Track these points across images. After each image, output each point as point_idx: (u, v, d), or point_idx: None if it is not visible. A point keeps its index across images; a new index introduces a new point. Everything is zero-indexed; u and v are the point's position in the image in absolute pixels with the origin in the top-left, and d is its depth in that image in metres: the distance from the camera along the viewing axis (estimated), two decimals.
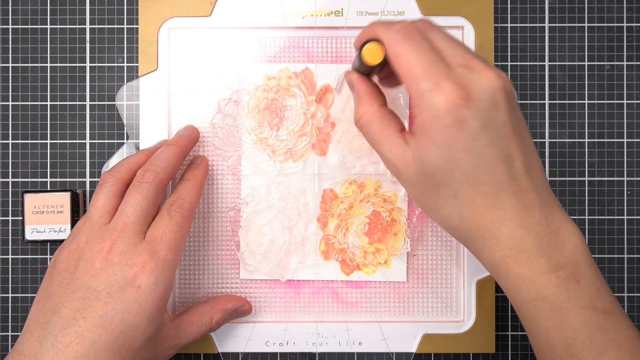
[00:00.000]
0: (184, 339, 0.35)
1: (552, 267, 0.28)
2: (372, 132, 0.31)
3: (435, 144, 0.28)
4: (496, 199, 0.28)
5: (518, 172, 0.28)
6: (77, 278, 0.31)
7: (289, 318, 0.40)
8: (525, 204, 0.28)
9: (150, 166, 0.34)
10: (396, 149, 0.30)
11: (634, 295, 0.41)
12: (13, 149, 0.41)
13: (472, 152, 0.28)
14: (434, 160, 0.28)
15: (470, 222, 0.29)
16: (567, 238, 0.29)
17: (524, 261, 0.28)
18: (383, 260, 0.40)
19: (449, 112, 0.27)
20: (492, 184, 0.28)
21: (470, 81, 0.28)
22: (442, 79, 0.27)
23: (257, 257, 0.40)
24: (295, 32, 0.40)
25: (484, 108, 0.27)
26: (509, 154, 0.28)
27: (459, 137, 0.27)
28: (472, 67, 0.28)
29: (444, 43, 0.29)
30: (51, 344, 0.30)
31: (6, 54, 0.41)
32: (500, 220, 0.28)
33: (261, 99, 0.40)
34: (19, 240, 0.41)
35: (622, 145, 0.41)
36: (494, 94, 0.28)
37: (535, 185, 0.29)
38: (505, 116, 0.28)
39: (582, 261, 0.29)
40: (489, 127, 0.28)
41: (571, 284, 0.28)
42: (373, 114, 0.31)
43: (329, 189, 0.40)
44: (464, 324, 0.40)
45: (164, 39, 0.40)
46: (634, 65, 0.41)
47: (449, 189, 0.29)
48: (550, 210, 0.29)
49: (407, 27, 0.29)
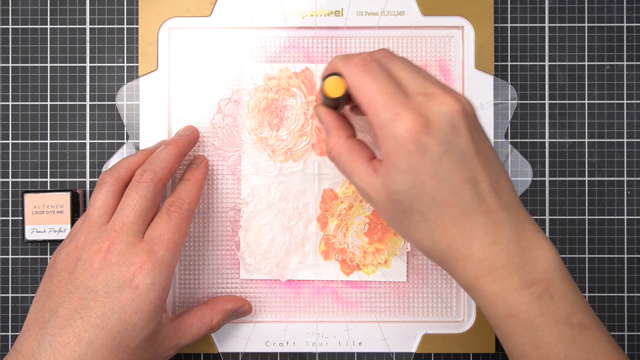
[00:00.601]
0: (184, 340, 0.35)
1: (524, 284, 0.28)
2: (343, 163, 0.32)
3: (400, 172, 0.28)
4: (466, 220, 0.29)
5: (485, 192, 0.29)
6: (75, 278, 0.31)
7: (289, 318, 0.40)
8: (495, 223, 0.29)
9: (149, 166, 0.34)
10: (366, 178, 0.31)
11: (634, 295, 0.41)
12: (13, 149, 0.41)
13: (437, 176, 0.28)
14: (401, 187, 0.29)
15: (441, 245, 0.29)
16: (540, 254, 0.29)
17: (497, 279, 0.28)
18: (383, 260, 0.40)
19: (411, 140, 0.28)
20: (460, 206, 0.28)
21: (429, 108, 0.28)
22: (401, 108, 0.28)
23: (257, 257, 0.40)
24: (295, 32, 0.40)
25: (445, 133, 0.28)
26: (474, 176, 0.28)
27: (422, 163, 0.28)
28: (431, 95, 0.29)
29: (403, 72, 0.30)
30: (49, 344, 0.30)
31: (6, 54, 0.41)
32: (471, 240, 0.29)
33: (261, 99, 0.40)
34: (19, 240, 0.41)
35: (622, 145, 0.41)
36: (453, 118, 0.28)
37: (505, 203, 0.29)
38: (467, 139, 0.28)
39: (556, 276, 0.29)
40: (452, 152, 0.28)
41: (545, 299, 0.28)
42: (342, 146, 0.32)
43: (329, 189, 0.40)
44: (464, 324, 0.40)
45: (164, 39, 0.40)
46: (634, 65, 0.41)
47: (418, 214, 0.29)
48: (521, 227, 0.29)
49: (364, 59, 0.30)
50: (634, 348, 0.41)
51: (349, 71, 0.30)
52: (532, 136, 0.41)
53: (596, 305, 0.41)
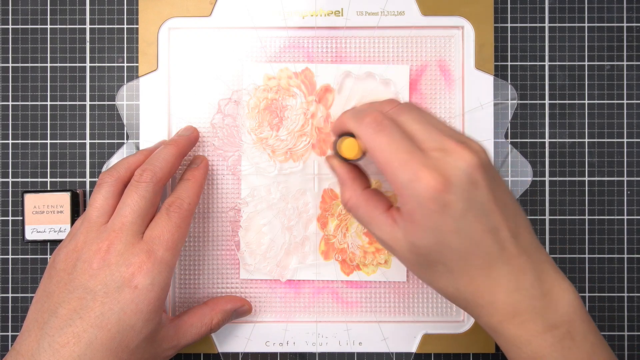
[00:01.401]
0: (184, 340, 0.35)
1: (547, 327, 0.29)
2: (360, 215, 0.32)
3: (424, 230, 0.29)
4: (489, 269, 0.29)
5: (505, 240, 0.29)
6: (74, 278, 0.31)
7: (289, 318, 0.40)
8: (517, 269, 0.29)
9: (148, 166, 0.34)
10: (386, 229, 0.31)
11: (634, 295, 0.41)
12: (13, 149, 0.41)
13: (460, 231, 0.28)
14: (425, 243, 0.29)
15: (466, 292, 0.30)
16: (561, 296, 0.30)
17: (520, 324, 0.29)
18: (383, 260, 0.40)
19: (432, 199, 0.28)
20: (484, 256, 0.29)
21: (447, 164, 0.28)
22: (419, 167, 0.28)
23: (257, 257, 0.40)
24: (295, 32, 0.40)
25: (465, 189, 0.28)
26: (494, 226, 0.29)
27: (445, 220, 0.28)
28: (447, 150, 0.29)
29: (415, 126, 0.30)
30: (48, 344, 0.30)
31: (6, 54, 0.41)
32: (495, 288, 0.29)
33: (261, 99, 0.40)
34: (19, 240, 0.41)
35: (622, 145, 0.41)
36: (471, 173, 0.28)
37: (524, 248, 0.30)
38: (486, 191, 0.29)
39: (577, 318, 0.29)
40: (472, 206, 0.28)
41: (567, 342, 0.29)
42: (358, 198, 0.32)
43: (329, 189, 0.40)
44: (464, 324, 0.40)
45: (164, 39, 0.40)
46: (634, 65, 0.41)
47: (442, 266, 0.30)
48: (542, 270, 0.30)
49: (376, 119, 0.30)
50: (634, 348, 0.41)
51: (362, 132, 0.30)
52: (532, 136, 0.41)
53: (596, 305, 0.41)
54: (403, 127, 0.30)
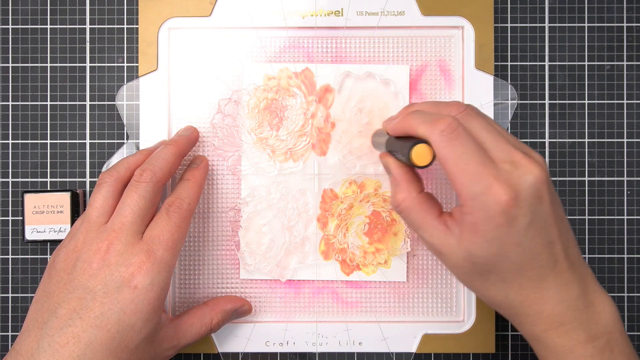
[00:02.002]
0: (184, 340, 0.35)
1: (588, 337, 0.30)
2: (412, 218, 0.33)
3: (486, 242, 0.29)
4: (541, 281, 0.30)
5: (558, 254, 0.30)
6: (74, 278, 0.31)
7: (289, 318, 0.40)
8: (565, 281, 0.30)
9: (148, 166, 0.34)
10: (438, 234, 0.31)
11: (634, 295, 0.41)
12: (13, 149, 0.41)
13: (522, 244, 0.29)
14: (484, 254, 0.30)
15: (514, 302, 0.31)
16: (602, 308, 0.31)
17: (564, 333, 0.30)
18: (383, 260, 0.40)
19: (501, 213, 0.28)
20: (538, 269, 0.30)
21: (518, 178, 0.29)
22: (492, 180, 0.28)
23: (257, 257, 0.40)
24: (295, 32, 0.40)
25: (531, 203, 0.29)
26: (551, 239, 0.30)
27: (509, 234, 0.29)
28: (516, 163, 0.29)
29: (485, 135, 0.30)
30: (48, 344, 0.30)
31: (6, 54, 0.41)
32: (544, 298, 0.30)
33: (261, 99, 0.40)
34: (19, 240, 0.41)
35: (622, 145, 0.41)
36: (538, 188, 0.29)
37: (572, 261, 0.31)
38: (548, 206, 0.30)
39: (615, 330, 0.31)
40: (536, 220, 0.29)
41: (606, 353, 0.30)
42: (412, 201, 0.33)
43: (329, 189, 0.40)
44: (464, 324, 0.40)
45: (164, 39, 0.40)
46: (634, 65, 0.41)
47: (496, 276, 0.30)
48: (586, 283, 0.31)
49: (451, 126, 0.30)
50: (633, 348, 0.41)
51: (436, 140, 0.30)
52: (532, 136, 0.41)
53: None
54: (473, 135, 0.30)
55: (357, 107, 0.40)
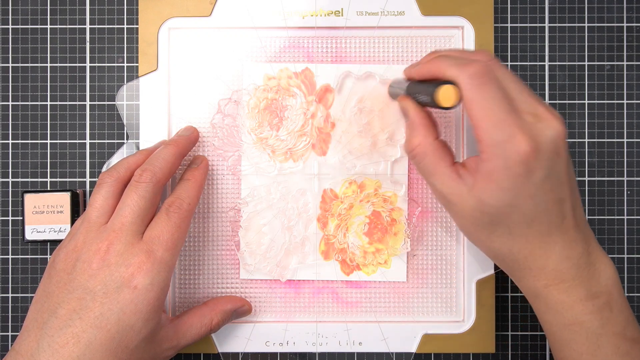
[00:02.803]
0: (183, 341, 0.35)
1: (589, 295, 0.30)
2: (426, 164, 0.33)
3: (502, 190, 0.29)
4: (548, 236, 0.31)
5: (567, 212, 0.31)
6: (74, 278, 0.31)
7: (289, 318, 0.40)
8: (570, 239, 0.31)
9: (148, 166, 0.34)
10: (450, 183, 0.31)
11: (634, 295, 0.41)
12: (13, 149, 0.41)
13: (535, 197, 0.29)
14: (497, 203, 0.30)
15: (519, 255, 0.31)
16: (603, 269, 0.31)
17: (565, 290, 0.31)
18: (383, 260, 0.40)
19: (521, 163, 0.29)
20: (546, 224, 0.30)
21: (539, 131, 0.29)
22: (515, 130, 0.28)
23: (257, 257, 0.40)
24: (295, 32, 0.40)
25: (550, 158, 0.29)
26: (563, 197, 0.30)
27: (525, 185, 0.29)
28: (539, 116, 0.29)
29: (512, 86, 0.30)
30: (48, 344, 0.30)
31: (6, 54, 0.41)
32: (548, 254, 0.31)
33: (261, 99, 0.40)
34: (19, 240, 0.41)
35: (622, 145, 0.41)
36: (557, 143, 0.29)
37: (578, 221, 0.31)
38: (564, 163, 0.30)
39: (615, 291, 0.31)
40: (552, 175, 0.30)
41: (605, 311, 0.30)
42: (427, 147, 0.32)
43: (329, 189, 0.40)
44: (464, 324, 0.40)
45: (164, 39, 0.40)
46: (634, 65, 0.41)
47: (504, 227, 0.31)
48: (589, 244, 0.31)
49: (482, 71, 0.30)
50: None
51: (465, 82, 0.30)
52: None
53: None
54: (502, 86, 0.30)
55: (357, 107, 0.40)
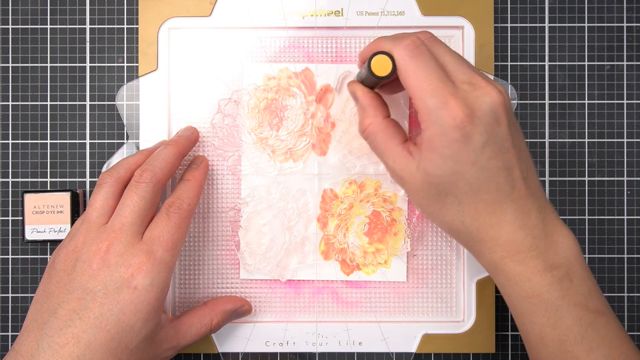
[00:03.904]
0: (183, 341, 0.35)
1: (547, 266, 0.30)
2: (377, 143, 0.33)
3: (442, 158, 0.29)
4: (497, 205, 0.30)
5: (517, 180, 0.30)
6: (74, 279, 0.31)
7: (289, 318, 0.40)
8: (523, 209, 0.30)
9: (148, 166, 0.34)
10: (400, 160, 0.32)
11: (634, 295, 0.41)
12: (13, 149, 0.41)
13: (477, 164, 0.29)
14: (440, 172, 0.30)
15: (471, 227, 0.31)
16: (562, 240, 0.31)
17: (521, 261, 0.30)
18: (383, 260, 0.40)
19: (456, 128, 0.29)
20: (495, 192, 0.30)
21: (475, 98, 0.29)
22: (448, 96, 0.29)
23: (257, 257, 0.40)
24: (295, 32, 0.40)
25: (487, 123, 0.29)
26: (509, 165, 0.30)
27: (464, 151, 0.29)
28: (475, 84, 0.30)
29: (449, 59, 0.31)
30: (48, 345, 0.30)
31: (6, 54, 0.41)
32: (501, 224, 0.30)
33: (261, 99, 0.40)
34: (19, 240, 0.41)
35: (622, 145, 0.41)
36: (496, 110, 0.29)
37: (532, 191, 0.31)
38: (506, 130, 0.30)
39: (576, 262, 0.31)
40: (492, 141, 0.29)
41: (565, 283, 0.30)
42: (378, 126, 0.33)
43: (329, 189, 0.40)
44: (464, 324, 0.40)
45: (164, 39, 0.40)
46: (634, 65, 0.41)
47: (453, 198, 0.31)
48: (545, 214, 0.31)
49: (415, 42, 0.31)
50: None
51: (399, 53, 0.31)
52: (532, 136, 0.41)
53: None
54: (437, 57, 0.31)
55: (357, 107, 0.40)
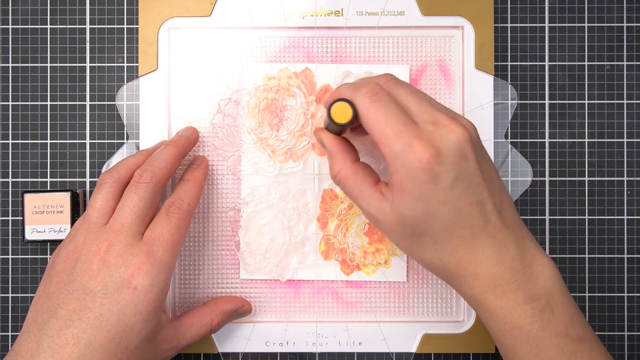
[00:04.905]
0: (183, 341, 0.35)
1: (527, 298, 0.30)
2: (349, 188, 0.33)
3: (413, 200, 0.30)
4: (473, 241, 0.30)
5: (490, 214, 0.30)
6: (74, 279, 0.31)
7: (289, 318, 0.40)
8: (500, 242, 0.30)
9: (148, 166, 0.34)
10: (374, 202, 0.32)
11: (634, 295, 0.41)
12: (13, 149, 0.41)
13: (448, 202, 0.29)
14: (413, 213, 0.30)
15: (450, 264, 0.31)
16: (541, 270, 0.31)
17: (501, 295, 0.30)
18: (383, 260, 0.40)
19: (423, 170, 0.29)
20: (469, 228, 0.30)
21: (439, 137, 0.29)
22: (412, 139, 0.29)
23: (257, 257, 0.40)
24: (295, 32, 0.40)
25: (454, 162, 0.29)
26: (481, 199, 0.30)
27: (435, 191, 0.29)
28: (439, 123, 0.30)
29: (410, 99, 0.31)
30: (48, 345, 0.30)
31: (6, 54, 0.41)
32: (478, 259, 0.30)
33: (261, 99, 0.40)
34: (19, 240, 0.41)
35: (622, 145, 0.41)
36: (461, 147, 0.29)
37: (508, 222, 0.31)
38: (474, 165, 0.30)
39: (556, 291, 0.30)
40: (461, 178, 0.29)
41: (546, 313, 0.30)
42: (347, 171, 0.33)
43: (329, 189, 0.40)
44: (464, 324, 0.40)
45: (164, 39, 0.40)
46: (634, 65, 0.41)
47: (429, 237, 0.31)
48: (523, 244, 0.31)
49: (373, 89, 0.31)
50: (634, 348, 0.41)
51: (359, 101, 0.31)
52: (532, 136, 0.41)
53: (596, 305, 0.41)
54: (398, 100, 0.31)
55: None
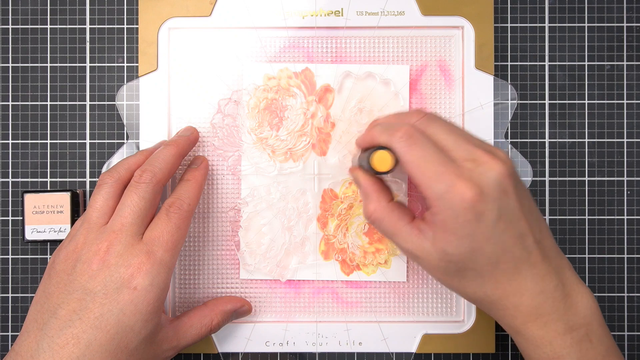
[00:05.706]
0: (183, 341, 0.35)
1: (567, 328, 0.31)
2: (385, 227, 0.33)
3: (458, 238, 0.30)
4: (516, 273, 0.31)
5: (531, 246, 0.31)
6: (74, 279, 0.31)
7: (289, 318, 0.40)
8: (541, 273, 0.31)
9: (148, 166, 0.34)
10: (412, 239, 0.32)
11: (634, 295, 0.41)
12: (13, 149, 0.41)
13: (493, 238, 0.30)
14: (458, 251, 0.30)
15: (493, 296, 0.31)
16: (580, 299, 0.31)
17: (543, 325, 0.31)
18: (383, 260, 0.40)
19: (468, 209, 0.29)
20: (512, 261, 0.30)
21: (480, 175, 0.30)
22: (454, 179, 0.29)
23: (257, 257, 0.40)
24: (295, 32, 0.40)
25: (497, 198, 0.30)
26: (522, 232, 0.30)
27: (479, 228, 0.30)
28: (477, 160, 0.30)
29: (446, 137, 0.31)
30: (48, 345, 0.30)
31: (6, 54, 0.41)
32: (521, 291, 0.31)
33: (261, 99, 0.40)
34: (19, 240, 0.41)
35: (622, 145, 0.41)
36: (502, 183, 0.30)
37: (547, 253, 0.31)
38: (515, 200, 0.30)
39: (594, 321, 0.31)
40: (503, 214, 0.30)
41: (584, 343, 0.31)
42: (382, 211, 0.33)
43: (329, 189, 0.40)
44: (464, 324, 0.40)
45: (164, 39, 0.40)
46: (634, 65, 0.41)
47: (473, 272, 0.31)
48: (562, 274, 0.31)
49: (408, 132, 0.31)
50: (634, 348, 0.41)
51: (396, 146, 0.31)
52: (532, 136, 0.41)
53: None
54: (433, 138, 0.31)
55: (357, 107, 0.40)
